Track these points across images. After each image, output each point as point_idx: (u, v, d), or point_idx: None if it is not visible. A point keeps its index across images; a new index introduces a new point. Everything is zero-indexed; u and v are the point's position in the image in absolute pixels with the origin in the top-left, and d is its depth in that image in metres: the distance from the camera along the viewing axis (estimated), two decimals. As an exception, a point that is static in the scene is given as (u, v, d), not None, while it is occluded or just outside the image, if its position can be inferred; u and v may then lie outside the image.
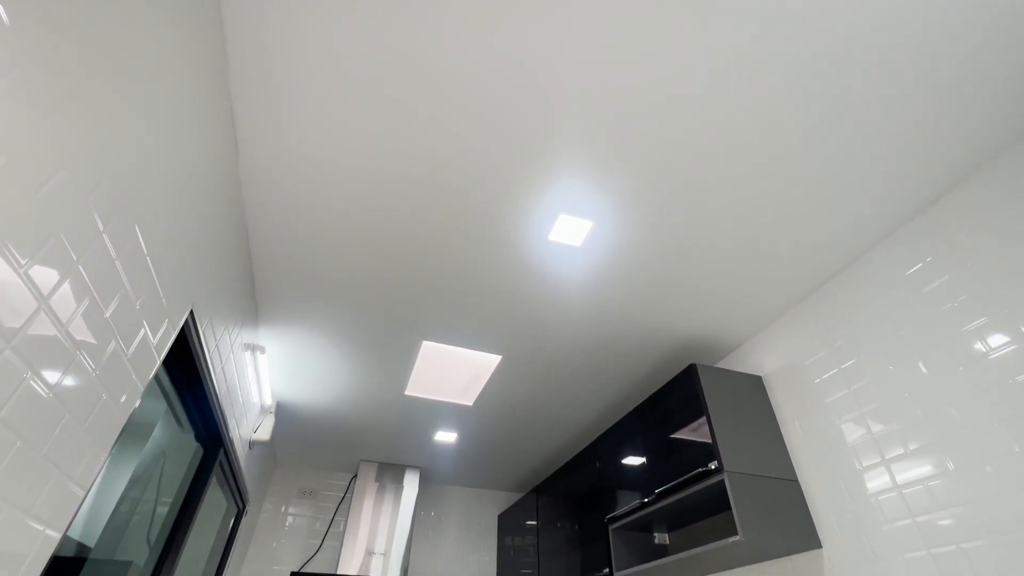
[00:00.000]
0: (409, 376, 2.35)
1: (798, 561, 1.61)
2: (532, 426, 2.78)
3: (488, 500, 3.71)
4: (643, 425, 2.08)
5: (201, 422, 1.85)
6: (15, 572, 0.82)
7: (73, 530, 2.51)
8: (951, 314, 1.35)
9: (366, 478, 3.20)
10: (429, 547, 3.39)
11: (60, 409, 0.84)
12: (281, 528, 3.17)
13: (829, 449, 1.60)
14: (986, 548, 1.16)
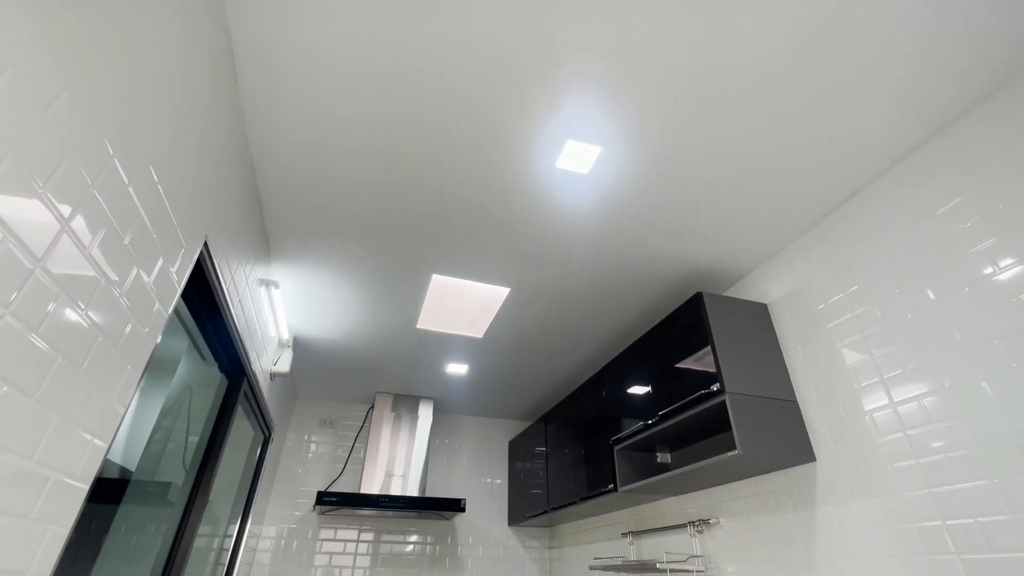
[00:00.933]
0: (420, 310, 2.41)
1: (792, 474, 1.71)
2: (540, 357, 2.87)
3: (499, 428, 3.90)
4: (648, 353, 2.14)
5: (224, 354, 1.93)
6: (71, 476, 0.90)
7: (115, 456, 2.70)
8: (962, 236, 1.34)
9: (383, 408, 3.37)
10: (444, 471, 3.61)
11: (93, 330, 0.88)
12: (305, 455, 3.38)
13: (829, 371, 1.64)
14: (971, 456, 1.22)
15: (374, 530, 3.26)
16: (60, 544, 0.90)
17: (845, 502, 1.51)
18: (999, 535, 1.14)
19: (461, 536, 3.41)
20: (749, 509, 1.86)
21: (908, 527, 1.33)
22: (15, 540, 0.77)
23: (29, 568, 0.82)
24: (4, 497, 0.73)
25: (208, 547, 2.42)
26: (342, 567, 3.10)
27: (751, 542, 1.82)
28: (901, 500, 1.36)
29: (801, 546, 1.63)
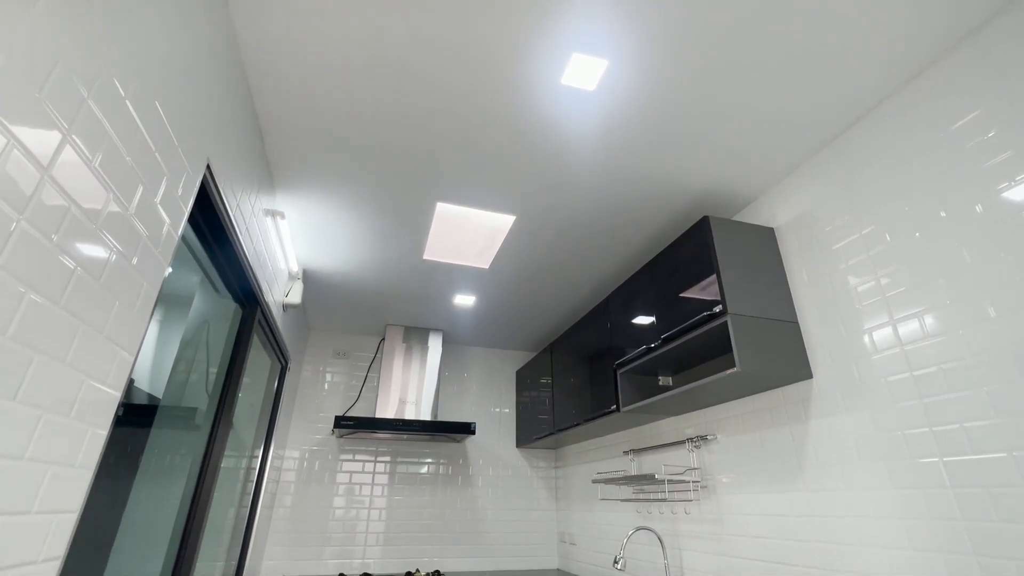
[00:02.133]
0: (426, 240, 2.42)
1: (788, 391, 1.78)
2: (546, 288, 2.90)
3: (506, 359, 4.02)
4: (653, 279, 2.16)
5: (236, 283, 1.97)
6: (104, 381, 0.96)
7: (142, 383, 2.84)
8: (977, 149, 1.30)
9: (393, 340, 3.47)
10: (454, 401, 3.77)
11: (107, 244, 0.91)
12: (321, 386, 3.54)
13: (832, 291, 1.66)
14: (964, 367, 1.25)
15: (390, 452, 3.46)
16: (100, 444, 0.97)
17: (838, 415, 1.58)
18: (983, 439, 1.20)
19: (472, 457, 3.62)
20: (745, 426, 1.95)
21: (896, 435, 1.39)
22: (60, 434, 0.84)
23: (76, 460, 0.90)
24: (43, 394, 0.79)
25: (236, 468, 2.60)
26: (362, 484, 3.33)
27: (745, 455, 1.92)
28: (892, 411, 1.42)
29: (792, 457, 1.72)
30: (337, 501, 3.25)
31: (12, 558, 0.77)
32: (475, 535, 3.41)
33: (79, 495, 0.92)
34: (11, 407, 0.73)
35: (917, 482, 1.32)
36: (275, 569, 3.01)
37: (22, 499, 0.77)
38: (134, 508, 2.38)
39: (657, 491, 2.41)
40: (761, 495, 1.82)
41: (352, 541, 3.18)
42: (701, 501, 2.12)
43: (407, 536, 3.28)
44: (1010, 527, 1.13)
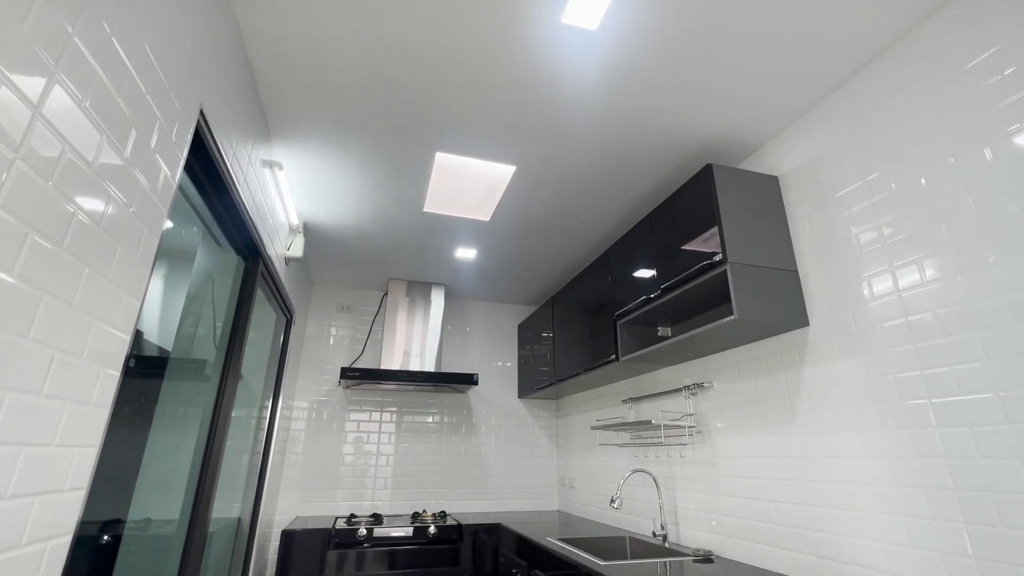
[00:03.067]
0: (426, 192, 2.40)
1: (785, 339, 1.80)
2: (547, 240, 2.90)
3: (508, 313, 4.07)
4: (654, 230, 2.15)
5: (237, 235, 1.98)
6: (112, 324, 0.98)
7: (152, 336, 2.90)
8: (992, 90, 1.26)
9: (396, 294, 3.50)
10: (457, 355, 3.84)
11: (104, 189, 0.91)
12: (327, 340, 3.60)
13: (834, 239, 1.65)
14: (959, 312, 1.27)
15: (396, 404, 3.57)
16: (113, 384, 1.01)
17: (832, 361, 1.61)
18: (971, 381, 1.23)
19: (475, 408, 3.73)
20: (741, 373, 1.99)
21: (887, 379, 1.43)
22: (74, 374, 0.87)
23: (92, 398, 0.93)
24: (54, 334, 0.81)
25: (248, 417, 2.69)
26: (369, 432, 3.45)
27: (740, 401, 1.97)
28: (885, 356, 1.44)
29: (786, 402, 1.76)
30: (346, 448, 3.38)
31: (40, 486, 0.81)
32: (479, 480, 3.56)
33: (97, 431, 0.97)
34: (24, 345, 0.75)
35: (905, 423, 1.37)
36: (290, 510, 3.17)
37: (43, 432, 0.81)
38: (152, 453, 2.49)
39: (654, 436, 2.50)
40: (754, 438, 1.88)
41: (362, 485, 3.33)
42: (696, 445, 2.20)
43: (414, 480, 3.43)
44: (991, 463, 1.17)
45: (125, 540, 2.31)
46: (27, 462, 0.78)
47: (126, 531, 2.33)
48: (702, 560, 1.87)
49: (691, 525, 2.17)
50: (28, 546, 0.80)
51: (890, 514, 1.38)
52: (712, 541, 2.04)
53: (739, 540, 1.90)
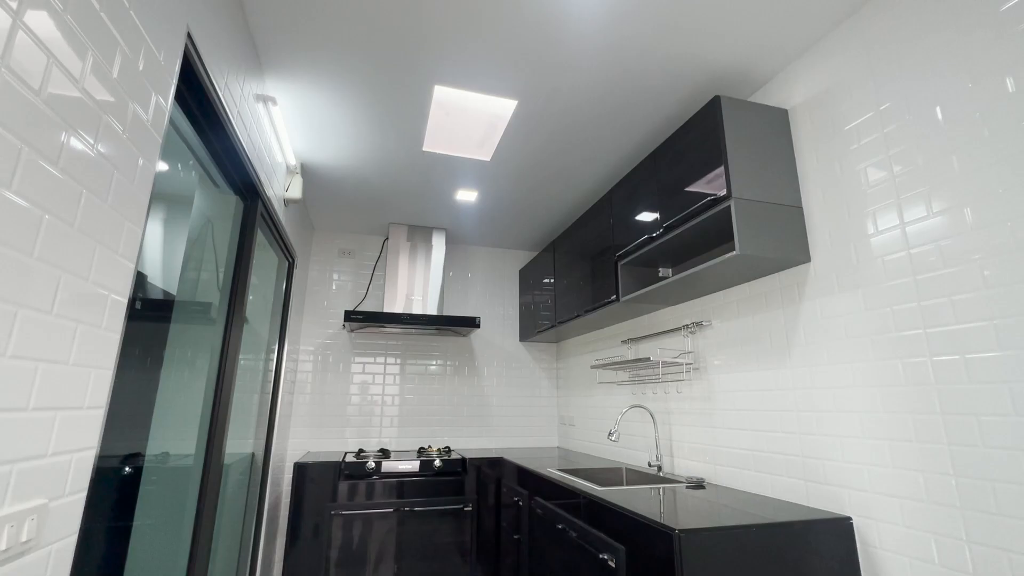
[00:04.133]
0: (425, 130, 2.34)
1: (785, 276, 1.81)
2: (549, 181, 2.85)
3: (509, 258, 4.07)
4: (658, 168, 2.11)
5: (234, 173, 1.95)
6: (116, 250, 0.98)
7: (156, 280, 2.92)
8: (1015, 13, 1.19)
9: (397, 238, 3.49)
10: (459, 302, 3.88)
11: (94, 108, 0.88)
12: (329, 285, 3.63)
13: (841, 173, 1.62)
14: (962, 243, 1.26)
15: (400, 347, 3.64)
16: (121, 310, 1.03)
17: (830, 295, 1.62)
18: (967, 310, 1.24)
19: (477, 351, 3.81)
20: (740, 310, 2.01)
21: (885, 311, 1.44)
22: (83, 295, 0.88)
23: (102, 323, 0.95)
24: (59, 255, 0.82)
25: (256, 359, 2.75)
26: (374, 374, 3.55)
27: (738, 338, 2.01)
28: (884, 288, 1.45)
29: (782, 337, 1.79)
30: (353, 389, 3.49)
31: (60, 401, 0.85)
32: (482, 418, 3.69)
33: (110, 354, 0.99)
34: (30, 263, 0.76)
35: (898, 353, 1.40)
36: (301, 446, 3.31)
37: (58, 350, 0.83)
38: (165, 392, 2.57)
39: (651, 374, 2.56)
40: (749, 373, 1.93)
41: (369, 423, 3.46)
42: (692, 381, 2.26)
43: (419, 419, 3.56)
44: (980, 387, 1.20)
45: (146, 472, 2.43)
46: (45, 378, 0.81)
47: (146, 464, 2.44)
48: (694, 486, 1.97)
49: (685, 456, 2.27)
50: (54, 456, 0.84)
51: (876, 439, 1.44)
52: (705, 470, 2.13)
53: (730, 468, 1.99)
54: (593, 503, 1.78)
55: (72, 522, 0.91)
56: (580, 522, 1.84)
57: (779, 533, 1.41)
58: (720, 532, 1.36)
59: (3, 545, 0.72)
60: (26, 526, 0.77)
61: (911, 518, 1.33)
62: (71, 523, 0.90)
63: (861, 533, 1.46)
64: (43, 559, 0.83)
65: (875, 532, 1.42)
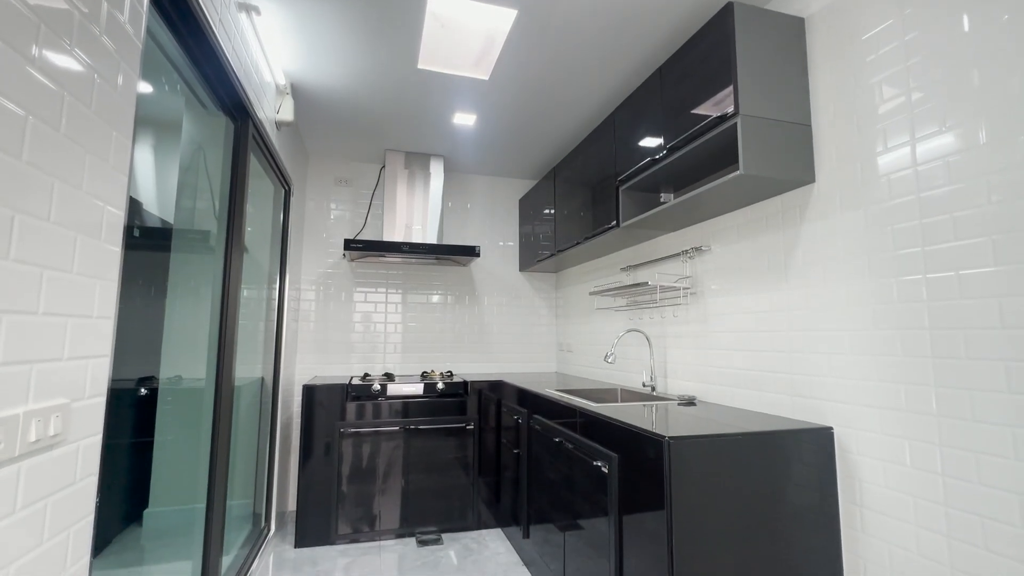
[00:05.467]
0: (419, 45, 2.21)
1: (787, 198, 1.79)
2: (550, 102, 2.74)
3: (509, 187, 4.00)
4: (664, 84, 2.02)
5: (223, 92, 1.87)
6: (105, 158, 0.97)
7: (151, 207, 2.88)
8: None
9: (395, 166, 3.41)
10: (459, 231, 3.85)
11: (70, 11, 0.83)
12: (327, 216, 3.59)
13: (855, 87, 1.55)
14: (972, 157, 1.23)
15: (401, 277, 3.67)
16: (119, 223, 1.03)
17: (832, 216, 1.61)
18: (969, 226, 1.24)
19: (477, 281, 3.84)
20: (740, 235, 2.01)
21: (885, 230, 1.44)
22: (77, 203, 0.88)
23: (101, 235, 0.95)
24: (52, 164, 0.80)
25: (259, 288, 2.78)
26: (376, 303, 3.60)
27: (736, 262, 2.02)
28: (886, 207, 1.44)
29: (780, 260, 1.80)
30: (356, 318, 3.56)
31: (68, 308, 0.87)
32: (482, 345, 3.80)
33: (112, 266, 1.00)
34: (20, 167, 0.75)
35: (894, 271, 1.41)
36: (307, 371, 3.44)
37: (60, 258, 0.84)
38: (172, 319, 2.62)
39: (649, 300, 2.60)
40: (745, 296, 1.96)
41: (373, 350, 3.56)
42: (689, 306, 2.30)
43: (422, 346, 3.66)
44: (971, 303, 1.23)
45: (161, 393, 2.53)
46: (51, 286, 0.82)
47: (161, 386, 2.55)
48: (686, 403, 2.06)
49: (678, 377, 2.36)
50: (70, 361, 0.88)
51: (864, 355, 1.49)
52: (697, 389, 2.23)
53: (721, 387, 2.07)
54: (588, 418, 1.87)
55: (95, 423, 0.96)
56: (576, 435, 1.94)
57: (763, 441, 1.50)
58: (707, 439, 1.44)
59: (33, 437, 0.77)
60: (52, 422, 0.82)
61: (889, 426, 1.41)
62: (94, 423, 0.96)
63: (841, 441, 1.55)
64: (72, 454, 0.89)
65: (854, 440, 1.51)
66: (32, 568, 0.80)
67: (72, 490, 0.89)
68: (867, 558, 1.46)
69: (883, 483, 1.42)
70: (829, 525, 1.53)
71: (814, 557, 1.50)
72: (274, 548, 2.75)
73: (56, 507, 0.85)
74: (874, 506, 1.44)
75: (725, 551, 1.41)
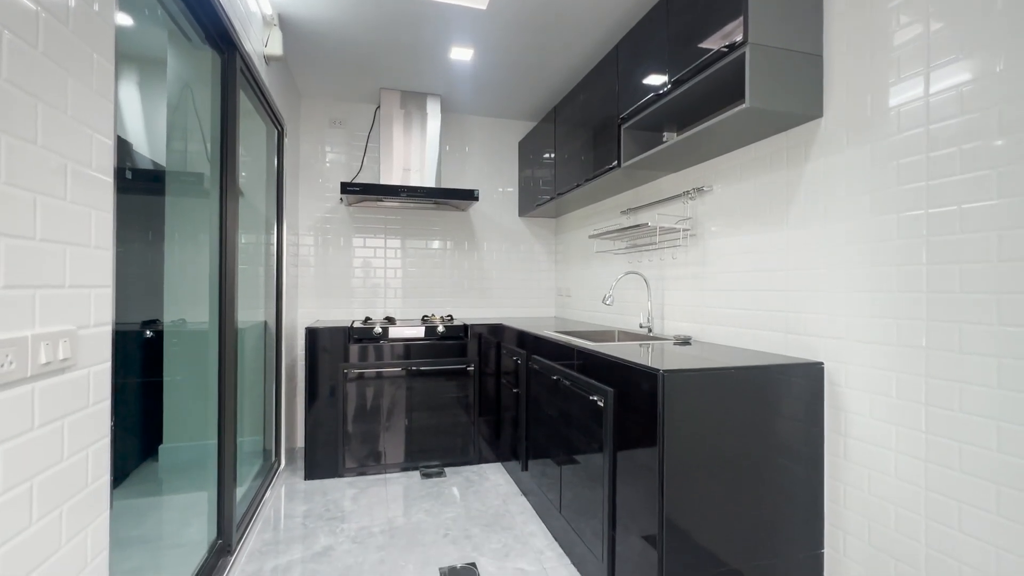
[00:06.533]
0: (412, -30, 2.08)
1: (793, 134, 1.74)
2: (551, 34, 2.61)
3: (508, 129, 3.89)
4: (671, 13, 1.92)
5: (206, 19, 1.78)
6: (88, 84, 0.93)
7: (142, 149, 2.81)
8: None
9: (390, 105, 3.30)
10: (457, 175, 3.78)
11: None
12: (323, 161, 3.52)
13: (872, 13, 1.48)
14: (987, 86, 1.19)
15: (400, 222, 3.64)
16: (109, 151, 1.01)
17: (837, 153, 1.58)
18: (976, 158, 1.21)
19: (477, 227, 3.82)
20: (743, 175, 1.97)
21: (890, 165, 1.41)
22: (65, 132, 0.86)
23: (91, 162, 0.94)
24: (35, 85, 0.78)
25: (257, 233, 2.76)
26: (376, 248, 3.60)
27: (738, 203, 2.00)
28: (893, 141, 1.40)
29: (782, 199, 1.78)
30: (356, 263, 3.56)
31: (67, 236, 0.87)
32: (482, 291, 3.83)
33: (106, 198, 0.99)
34: (6, 87, 0.72)
35: (895, 207, 1.40)
36: (309, 315, 3.48)
37: (52, 185, 0.83)
38: (172, 263, 2.63)
39: (648, 242, 2.59)
40: (746, 236, 1.95)
41: (374, 295, 3.59)
42: (688, 248, 2.29)
43: (421, 291, 3.69)
44: (970, 236, 1.22)
45: (167, 335, 2.58)
46: (46, 212, 0.82)
47: (165, 328, 2.58)
48: (681, 343, 2.11)
49: (675, 319, 2.39)
50: (72, 288, 0.89)
51: (860, 292, 1.50)
52: (693, 330, 2.26)
53: (717, 327, 2.10)
54: (586, 356, 1.91)
55: (103, 351, 0.98)
56: (574, 372, 1.99)
57: (755, 375, 1.54)
58: (700, 373, 1.48)
59: (43, 359, 0.79)
60: (60, 347, 0.84)
61: (878, 360, 1.44)
62: (102, 352, 0.98)
63: (830, 375, 1.59)
64: (83, 379, 0.92)
65: (843, 374, 1.55)
66: (56, 481, 0.85)
67: (86, 413, 0.93)
68: (847, 482, 1.54)
69: (868, 413, 1.47)
70: (814, 454, 1.60)
71: (798, 484, 1.58)
72: (285, 480, 2.89)
73: (72, 428, 0.89)
74: (858, 435, 1.50)
75: (715, 479, 1.49)
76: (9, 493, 0.74)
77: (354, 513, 2.46)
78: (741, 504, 1.52)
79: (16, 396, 0.75)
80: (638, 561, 1.54)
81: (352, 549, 2.12)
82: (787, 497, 1.57)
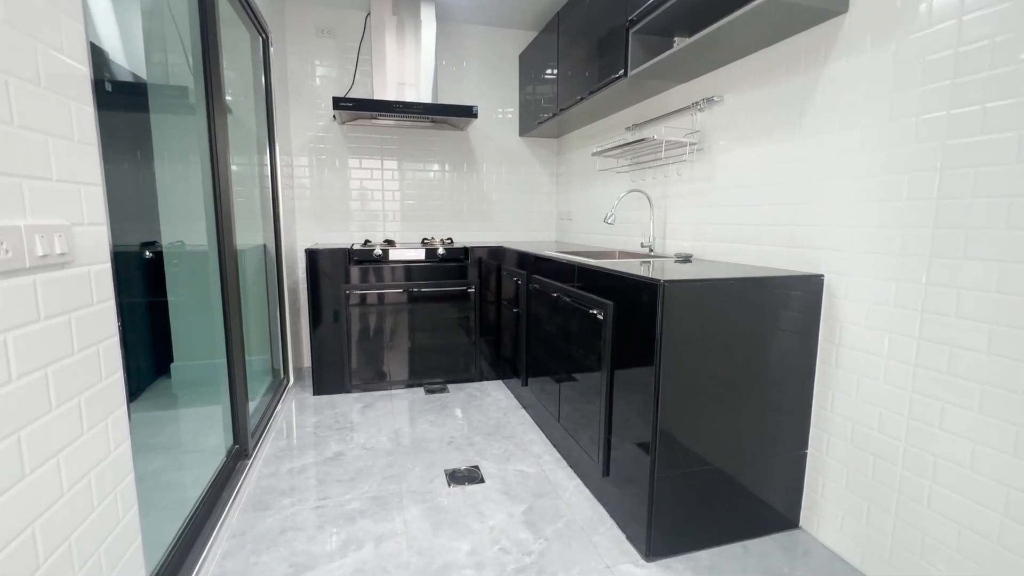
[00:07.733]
0: None
1: (813, 34, 1.62)
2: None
3: (508, 40, 3.64)
4: None
5: (171, -101, 1.60)
6: None
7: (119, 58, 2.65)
8: None
9: (381, 12, 3.07)
10: (454, 91, 3.59)
11: None
12: (312, 77, 3.33)
13: None
14: None
15: (396, 141, 3.52)
16: (82, 41, 0.94)
17: (859, 54, 1.48)
18: (1008, 51, 1.13)
19: (476, 147, 3.69)
20: (756, 83, 1.87)
21: (915, 63, 1.33)
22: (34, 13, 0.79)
23: (63, 47, 0.88)
24: None
25: (250, 153, 2.67)
26: (372, 169, 3.50)
27: (749, 113, 1.91)
28: (921, 36, 1.31)
29: (796, 107, 1.70)
30: (353, 185, 3.48)
31: (47, 126, 0.83)
32: (482, 214, 3.77)
33: (84, 89, 0.94)
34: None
35: (916, 109, 1.33)
36: (308, 238, 3.46)
37: (23, 64, 0.78)
38: (164, 184, 2.56)
39: (653, 158, 2.51)
40: (754, 148, 1.88)
41: (373, 218, 3.55)
42: (694, 163, 2.22)
43: (421, 214, 3.64)
44: (988, 139, 1.17)
45: (167, 256, 2.57)
46: (18, 93, 0.77)
47: (165, 250, 2.57)
48: (682, 260, 2.10)
49: (678, 238, 2.37)
50: (59, 183, 0.86)
51: (868, 202, 1.47)
52: (694, 248, 2.25)
53: (719, 244, 2.09)
54: (586, 271, 1.91)
55: (101, 251, 0.98)
56: (574, 288, 2.01)
57: (753, 287, 1.55)
58: (700, 284, 1.49)
59: (40, 251, 0.79)
60: (56, 241, 0.83)
61: (880, 270, 1.44)
62: (100, 251, 0.97)
63: (830, 287, 1.60)
64: (84, 276, 0.92)
65: (843, 286, 1.56)
66: (70, 372, 0.87)
67: (91, 311, 0.94)
68: (836, 388, 1.59)
69: (864, 323, 1.49)
70: (806, 365, 1.65)
71: (790, 392, 1.64)
72: (295, 396, 3.02)
73: (79, 324, 0.90)
74: (851, 344, 1.54)
75: (709, 390, 1.54)
76: (24, 379, 0.76)
77: (362, 424, 2.58)
78: (733, 410, 1.58)
79: (18, 286, 0.75)
80: (631, 464, 1.63)
81: (362, 454, 2.25)
82: (777, 404, 1.63)
